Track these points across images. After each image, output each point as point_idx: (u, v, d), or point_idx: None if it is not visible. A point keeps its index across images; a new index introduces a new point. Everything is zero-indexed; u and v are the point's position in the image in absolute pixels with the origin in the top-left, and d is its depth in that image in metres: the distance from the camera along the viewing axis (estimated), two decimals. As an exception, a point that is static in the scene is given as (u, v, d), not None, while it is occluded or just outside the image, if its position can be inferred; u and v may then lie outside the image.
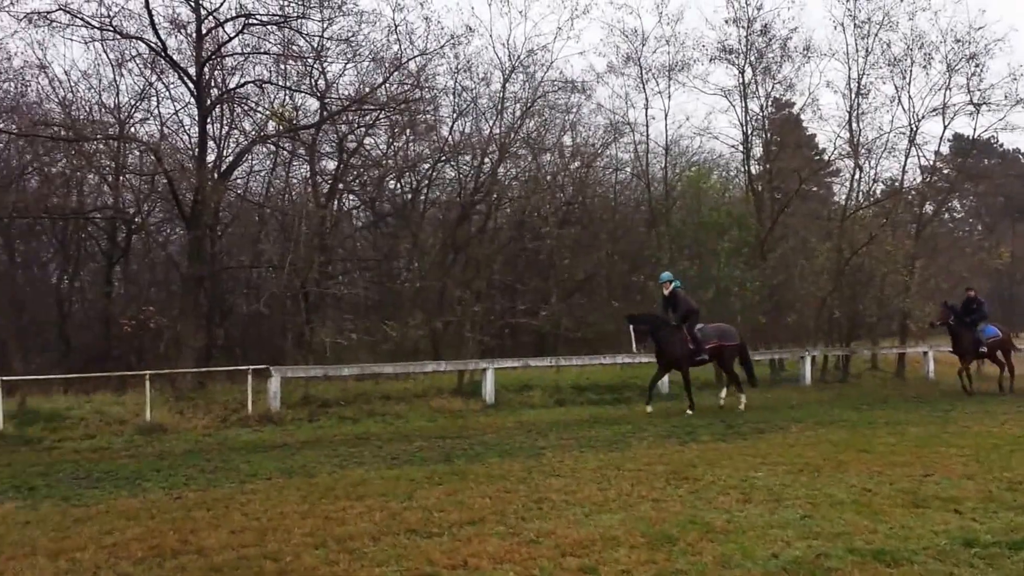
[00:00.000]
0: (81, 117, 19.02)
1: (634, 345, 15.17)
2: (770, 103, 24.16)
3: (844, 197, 24.89)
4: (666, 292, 15.59)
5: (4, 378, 13.77)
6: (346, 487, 8.13)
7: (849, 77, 22.56)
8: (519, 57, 21.95)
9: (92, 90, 21.48)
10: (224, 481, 8.86)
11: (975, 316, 18.87)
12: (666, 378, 16.98)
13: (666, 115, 24.39)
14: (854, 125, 22.70)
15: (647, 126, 23.61)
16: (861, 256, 21.86)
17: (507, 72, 21.89)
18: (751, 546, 5.73)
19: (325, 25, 18.38)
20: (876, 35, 22.12)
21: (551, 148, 23.68)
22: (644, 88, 23.24)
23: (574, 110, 23.86)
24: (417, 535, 6.17)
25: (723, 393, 15.93)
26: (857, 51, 22.37)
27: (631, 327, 15.13)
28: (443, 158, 22.56)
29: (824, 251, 22.54)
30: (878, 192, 24.86)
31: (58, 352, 21.26)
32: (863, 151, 22.96)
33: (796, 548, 5.68)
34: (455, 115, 22.89)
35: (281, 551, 5.82)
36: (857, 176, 23.67)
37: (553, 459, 9.66)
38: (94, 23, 16.96)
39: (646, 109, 23.33)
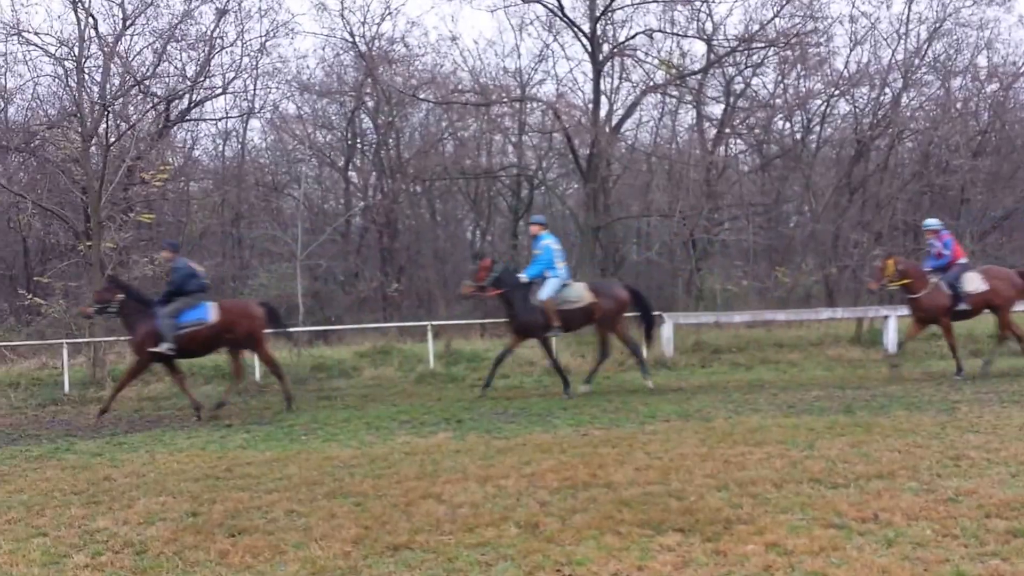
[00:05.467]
0: (488, 84, 20.95)
1: None
2: None
3: None
4: None
5: (432, 323, 15.80)
6: (743, 432, 8.16)
7: None
8: (926, -28, 19.96)
9: (496, 56, 23.53)
10: (625, 421, 9.35)
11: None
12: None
13: (1113, 19, 20.86)
14: None
15: (1089, 34, 20.29)
16: None
17: (913, -10, 20.05)
18: None
19: (713, -35, 18.24)
20: None
21: (963, 71, 21.52)
22: (1085, -12, 19.96)
23: (991, 26, 21.35)
24: (821, 485, 6.02)
25: None
26: None
27: None
28: (837, 92, 21.42)
29: None
30: None
31: (474, 299, 23.77)
32: None
33: None
34: (851, 44, 21.75)
35: (685, 490, 6.00)
36: None
37: (970, 414, 8.87)
38: (498, -10, 18.50)
39: (1087, 14, 20.03)
